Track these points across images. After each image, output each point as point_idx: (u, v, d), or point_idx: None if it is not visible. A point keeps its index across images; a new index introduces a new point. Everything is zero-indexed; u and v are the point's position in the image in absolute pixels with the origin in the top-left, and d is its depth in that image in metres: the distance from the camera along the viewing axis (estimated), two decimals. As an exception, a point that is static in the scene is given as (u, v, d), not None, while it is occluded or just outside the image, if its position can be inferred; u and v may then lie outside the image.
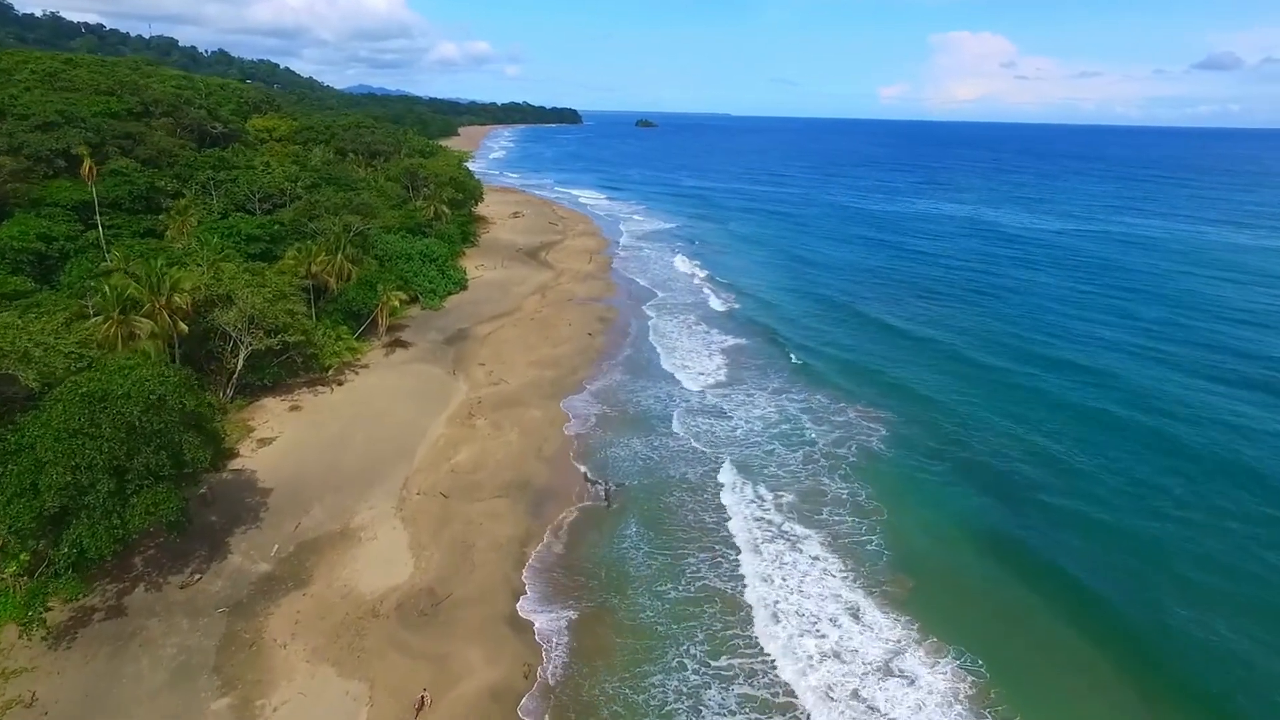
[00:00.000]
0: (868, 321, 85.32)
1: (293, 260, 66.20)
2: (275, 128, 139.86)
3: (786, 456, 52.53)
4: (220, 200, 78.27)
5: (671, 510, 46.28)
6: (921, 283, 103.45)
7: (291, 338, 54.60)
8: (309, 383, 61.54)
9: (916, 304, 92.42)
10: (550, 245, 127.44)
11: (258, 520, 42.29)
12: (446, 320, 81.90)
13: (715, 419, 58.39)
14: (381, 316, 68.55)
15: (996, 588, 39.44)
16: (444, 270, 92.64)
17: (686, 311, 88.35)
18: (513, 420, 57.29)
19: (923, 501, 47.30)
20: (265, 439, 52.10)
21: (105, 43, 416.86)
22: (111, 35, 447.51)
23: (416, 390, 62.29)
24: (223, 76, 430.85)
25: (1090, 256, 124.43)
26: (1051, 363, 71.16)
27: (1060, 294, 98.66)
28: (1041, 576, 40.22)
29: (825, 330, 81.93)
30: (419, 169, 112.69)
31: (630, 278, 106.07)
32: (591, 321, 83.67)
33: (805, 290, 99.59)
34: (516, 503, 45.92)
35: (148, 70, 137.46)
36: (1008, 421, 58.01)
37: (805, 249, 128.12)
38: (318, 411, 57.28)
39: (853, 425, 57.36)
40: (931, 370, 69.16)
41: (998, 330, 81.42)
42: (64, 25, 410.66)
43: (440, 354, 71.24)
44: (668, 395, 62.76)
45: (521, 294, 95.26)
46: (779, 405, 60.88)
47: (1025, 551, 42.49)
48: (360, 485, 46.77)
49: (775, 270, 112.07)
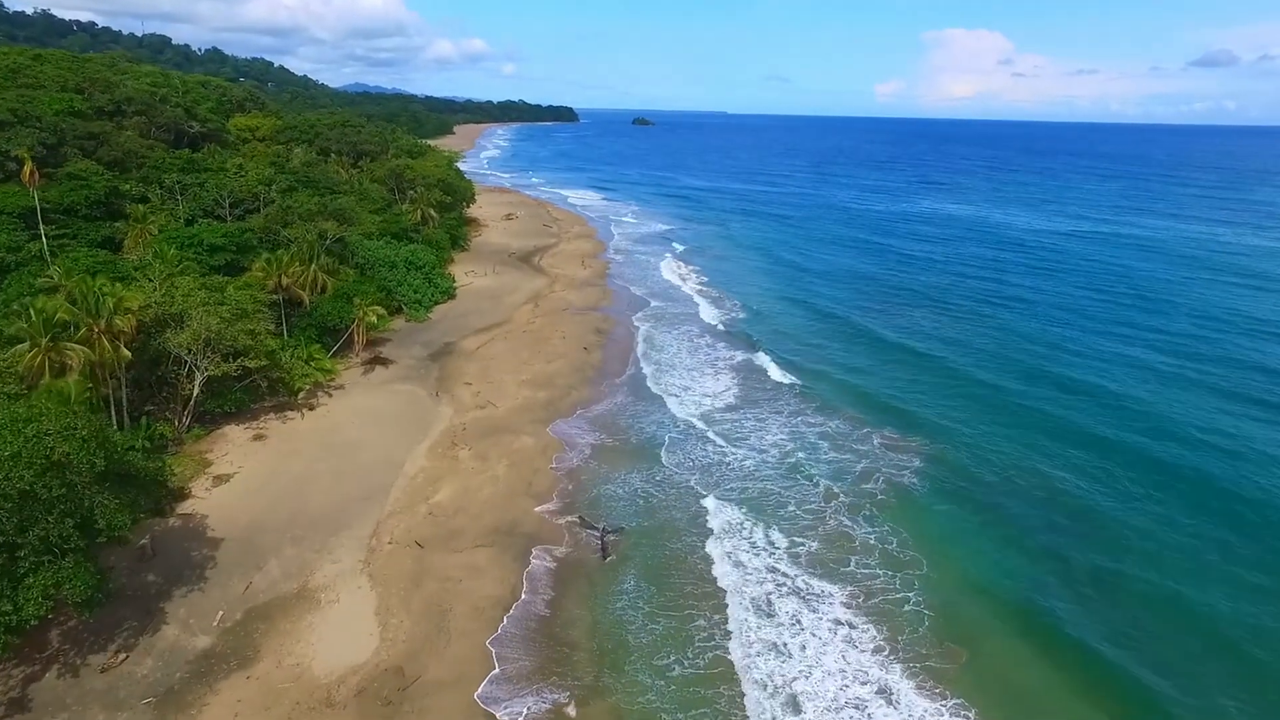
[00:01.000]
0: (880, 337, 79.13)
1: (261, 272, 60.70)
2: (258, 127, 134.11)
3: (805, 493, 47.16)
4: (187, 205, 72.65)
5: (675, 560, 40.91)
6: (931, 293, 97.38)
7: (252, 362, 49.08)
8: (277, 407, 56.06)
9: (929, 317, 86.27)
10: (544, 249, 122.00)
11: (203, 579, 36.82)
12: (432, 333, 76.42)
13: (724, 448, 52.99)
14: (358, 333, 63.06)
15: (1064, 665, 33.68)
16: (431, 278, 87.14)
17: (687, 323, 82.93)
18: (500, 450, 51.85)
19: (967, 551, 41.86)
20: (222, 476, 46.61)
21: (97, 40, 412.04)
22: (104, 33, 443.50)
23: (395, 415, 56.82)
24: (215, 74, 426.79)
25: (1102, 262, 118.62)
26: (1081, 387, 64.63)
27: (1076, 304, 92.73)
28: (1090, 653, 34.71)
29: (836, 347, 76.07)
30: (405, 170, 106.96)
31: (628, 285, 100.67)
32: (587, 333, 78.25)
33: (809, 301, 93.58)
34: (501, 552, 40.49)
35: (123, 67, 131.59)
36: (1044, 456, 52.15)
37: (807, 254, 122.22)
38: (284, 441, 51.80)
39: (878, 456, 51.98)
40: (953, 393, 63.24)
41: (1017, 348, 75.07)
42: (56, 23, 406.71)
43: (423, 372, 65.77)
44: (670, 420, 57.33)
45: (513, 303, 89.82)
46: (794, 431, 55.48)
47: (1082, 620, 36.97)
48: (324, 533, 41.32)
49: (778, 278, 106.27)
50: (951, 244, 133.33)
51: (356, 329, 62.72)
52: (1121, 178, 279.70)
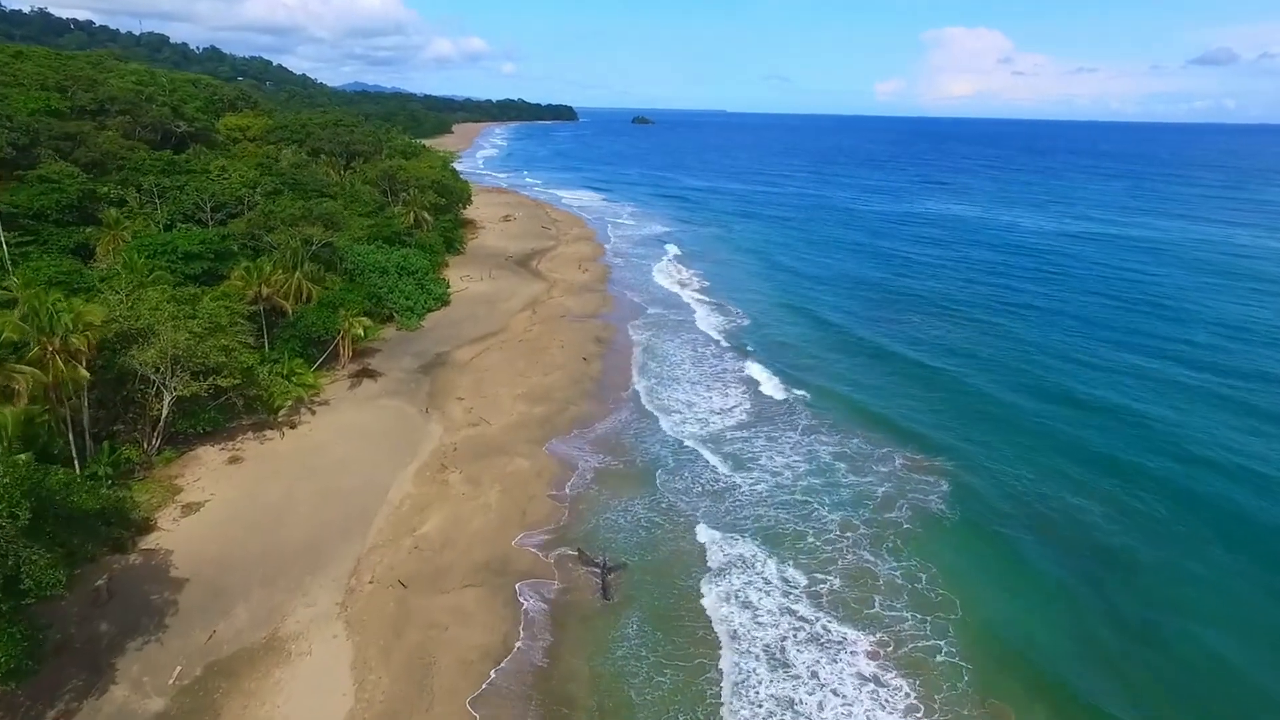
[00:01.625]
0: (890, 349, 74.71)
1: (240, 281, 57.16)
2: (249, 126, 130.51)
3: (822, 522, 43.68)
4: (165, 210, 69.08)
5: (681, 600, 37.44)
6: (938, 300, 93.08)
7: (225, 381, 45.54)
8: (256, 426, 52.53)
9: (938, 327, 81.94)
10: (543, 252, 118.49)
11: (162, 627, 33.32)
12: (424, 342, 72.90)
13: (733, 471, 49.45)
14: (344, 346, 59.51)
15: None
16: (423, 284, 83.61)
17: (689, 332, 79.31)
18: (493, 474, 48.35)
19: (1002, 589, 38.38)
20: (192, 505, 43.10)
21: (95, 39, 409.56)
22: (101, 32, 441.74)
23: (382, 434, 53.30)
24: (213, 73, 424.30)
25: (1113, 266, 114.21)
26: (1104, 405, 60.34)
27: (1089, 313, 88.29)
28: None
29: (844, 359, 71.98)
30: (398, 172, 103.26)
31: (628, 290, 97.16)
32: (587, 343, 74.74)
33: (814, 310, 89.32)
34: (492, 594, 37.01)
35: (110, 65, 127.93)
36: (1072, 483, 48.31)
37: (810, 259, 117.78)
38: (262, 464, 48.30)
39: (901, 479, 48.43)
40: (971, 411, 59.30)
41: (1032, 361, 70.64)
42: (53, 21, 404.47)
43: (414, 386, 62.25)
44: (674, 440, 53.79)
45: (510, 310, 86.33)
46: (807, 452, 51.96)
47: (1134, 672, 33.58)
48: (299, 571, 37.84)
49: (780, 284, 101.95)
50: (957, 247, 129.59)
51: (342, 341, 59.20)
52: (1125, 177, 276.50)
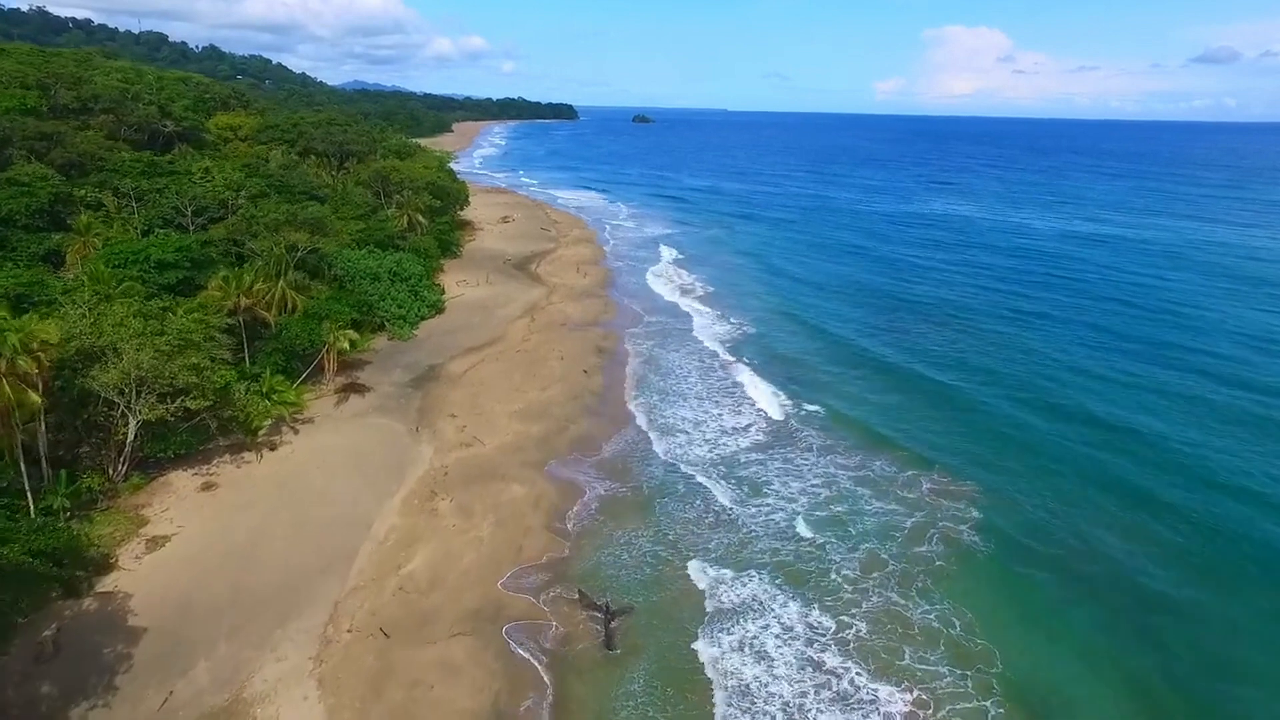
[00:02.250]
0: (901, 363, 70.04)
1: (218, 291, 53.53)
2: (240, 126, 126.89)
3: (846, 556, 40.12)
4: (144, 214, 65.48)
5: (692, 649, 33.89)
6: (949, 309, 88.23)
7: (195, 403, 41.95)
8: (233, 448, 48.95)
9: (951, 339, 77.20)
10: (542, 255, 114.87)
11: (111, 689, 29.77)
12: (417, 353, 69.30)
13: (747, 498, 45.88)
14: (329, 360, 55.90)
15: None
16: (417, 291, 79.98)
17: (693, 343, 75.39)
18: (487, 501, 44.78)
19: (1046, 638, 34.82)
20: (158, 539, 39.54)
21: (93, 38, 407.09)
22: (100, 30, 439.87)
23: (368, 457, 49.71)
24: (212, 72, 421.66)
25: (1129, 271, 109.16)
26: (1133, 428, 55.80)
27: (1108, 323, 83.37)
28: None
29: (856, 375, 67.55)
30: (391, 173, 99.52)
31: (629, 296, 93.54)
32: (587, 353, 71.13)
33: (821, 320, 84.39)
34: (483, 645, 33.43)
35: (97, 63, 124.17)
36: (1106, 514, 44.87)
37: (814, 266, 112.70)
38: (237, 491, 44.73)
39: (930, 507, 44.84)
40: (995, 433, 55.23)
41: (1053, 377, 65.86)
42: (51, 20, 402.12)
43: (404, 402, 58.65)
44: (682, 462, 50.19)
45: (507, 316, 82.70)
46: (826, 476, 48.36)
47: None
48: (270, 618, 34.27)
49: (785, 292, 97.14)
50: (964, 250, 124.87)
51: (327, 356, 55.59)
52: (1130, 176, 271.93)
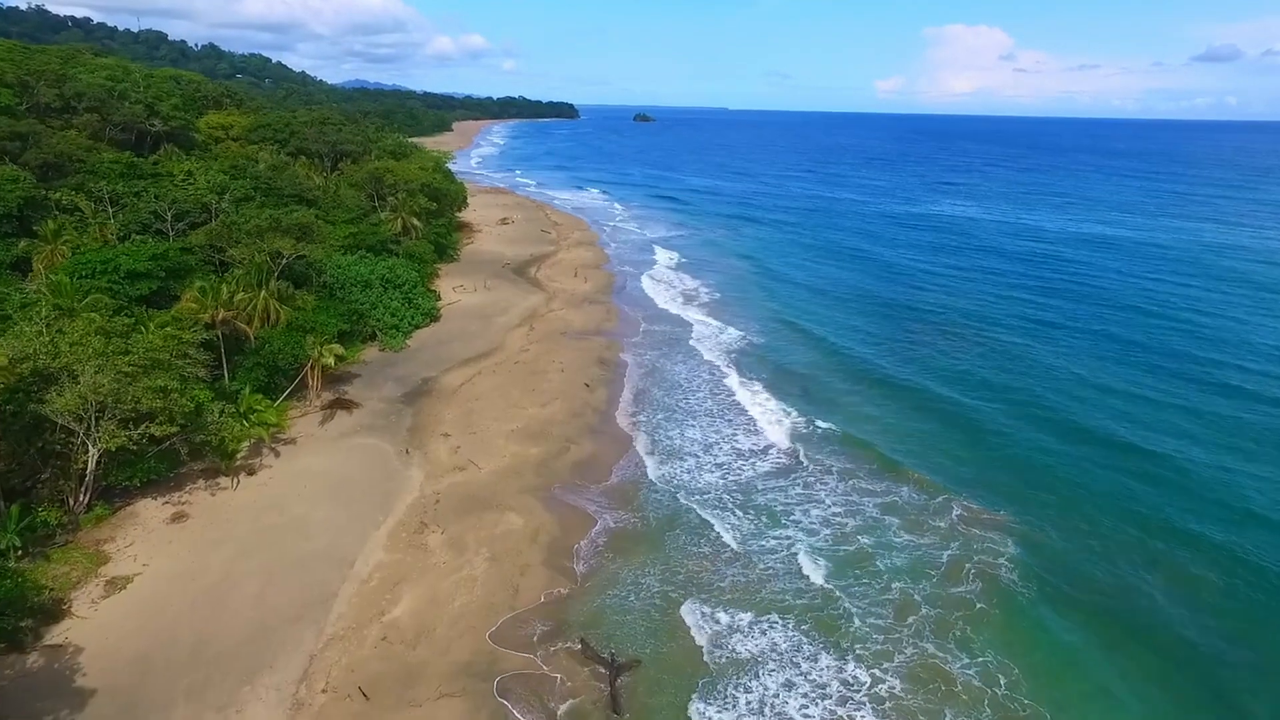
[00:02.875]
0: (919, 379, 64.99)
1: (194, 303, 49.92)
2: (231, 125, 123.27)
3: (875, 600, 36.42)
4: (120, 219, 61.88)
5: (707, 711, 30.27)
6: (965, 320, 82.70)
7: (160, 429, 38.32)
8: (207, 473, 45.34)
9: (969, 353, 72.05)
10: (542, 259, 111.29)
11: (50, 767, 26.20)
12: (409, 365, 65.68)
13: (765, 528, 42.21)
14: (312, 377, 52.26)
15: None
16: (411, 298, 76.34)
17: (700, 355, 71.50)
18: (480, 534, 41.17)
19: (1099, 696, 31.16)
20: (118, 580, 35.95)
21: (92, 36, 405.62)
22: (99, 29, 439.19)
23: (353, 482, 46.08)
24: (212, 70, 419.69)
25: (1144, 277, 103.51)
26: (1164, 455, 51.19)
27: (1127, 334, 77.64)
28: None
29: (873, 392, 63.07)
30: (384, 174, 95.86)
31: (633, 302, 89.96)
32: (589, 365, 67.51)
33: (833, 333, 78.96)
34: (475, 707, 29.79)
35: (83, 60, 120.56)
36: (1147, 551, 40.90)
37: (824, 272, 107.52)
38: (209, 523, 41.13)
39: (963, 538, 41.18)
40: (1023, 458, 50.98)
41: (1081, 397, 60.86)
42: (50, 18, 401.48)
43: (394, 419, 55.01)
44: (693, 488, 46.51)
45: (505, 325, 79.06)
46: (849, 503, 44.66)
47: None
48: (239, 673, 30.65)
49: (794, 300, 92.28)
50: (975, 255, 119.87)
51: (310, 372, 51.96)
52: (1140, 176, 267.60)
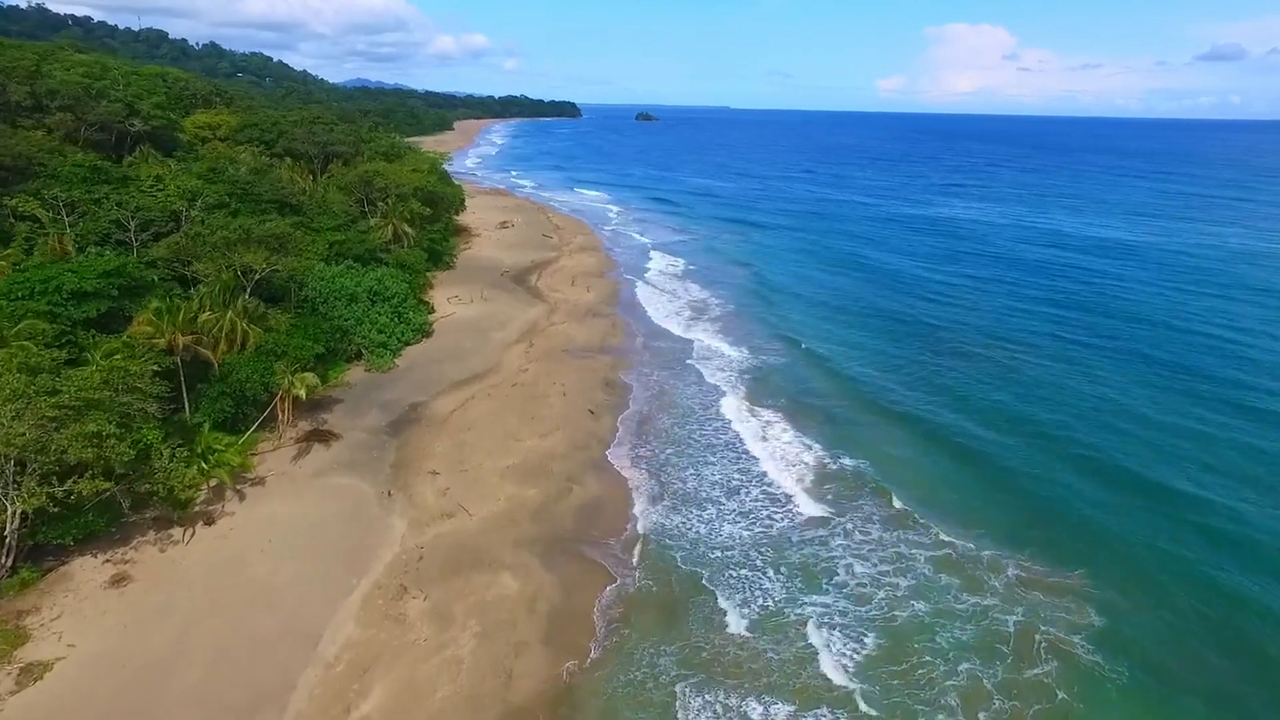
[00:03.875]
0: (947, 409, 57.97)
1: (149, 326, 44.17)
2: (219, 125, 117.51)
3: (939, 686, 30.57)
4: (78, 229, 56.15)
5: None
6: (992, 342, 73.77)
7: (87, 486, 32.55)
8: (159, 521, 39.67)
9: (998, 380, 63.92)
10: (543, 266, 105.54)
11: None
12: (397, 389, 59.92)
13: (804, 590, 36.33)
14: (282, 410, 46.48)
15: None
16: (401, 312, 70.54)
17: (712, 375, 65.75)
18: (470, 600, 35.44)
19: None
20: (36, 666, 30.25)
21: (92, 35, 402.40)
22: (99, 28, 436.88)
23: (326, 534, 40.33)
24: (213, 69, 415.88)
25: (1176, 290, 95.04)
26: (1232, 511, 44.47)
27: (1167, 357, 69.39)
28: None
29: (901, 425, 55.53)
30: (374, 177, 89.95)
31: (638, 315, 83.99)
32: (594, 387, 61.76)
33: (852, 357, 70.68)
34: None
35: (62, 56, 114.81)
36: (1239, 628, 35.38)
37: (837, 286, 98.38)
38: (155, 584, 35.42)
39: (1023, 601, 35.33)
40: (1070, 501, 45.03)
41: (1124, 433, 53.22)
42: (50, 17, 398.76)
43: (377, 453, 49.23)
44: (714, 540, 40.65)
45: (503, 341, 73.28)
46: (900, 555, 38.70)
47: None
48: (166, 803, 24.97)
49: (808, 317, 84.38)
50: (992, 265, 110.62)
51: (280, 405, 46.17)
52: (1155, 177, 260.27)
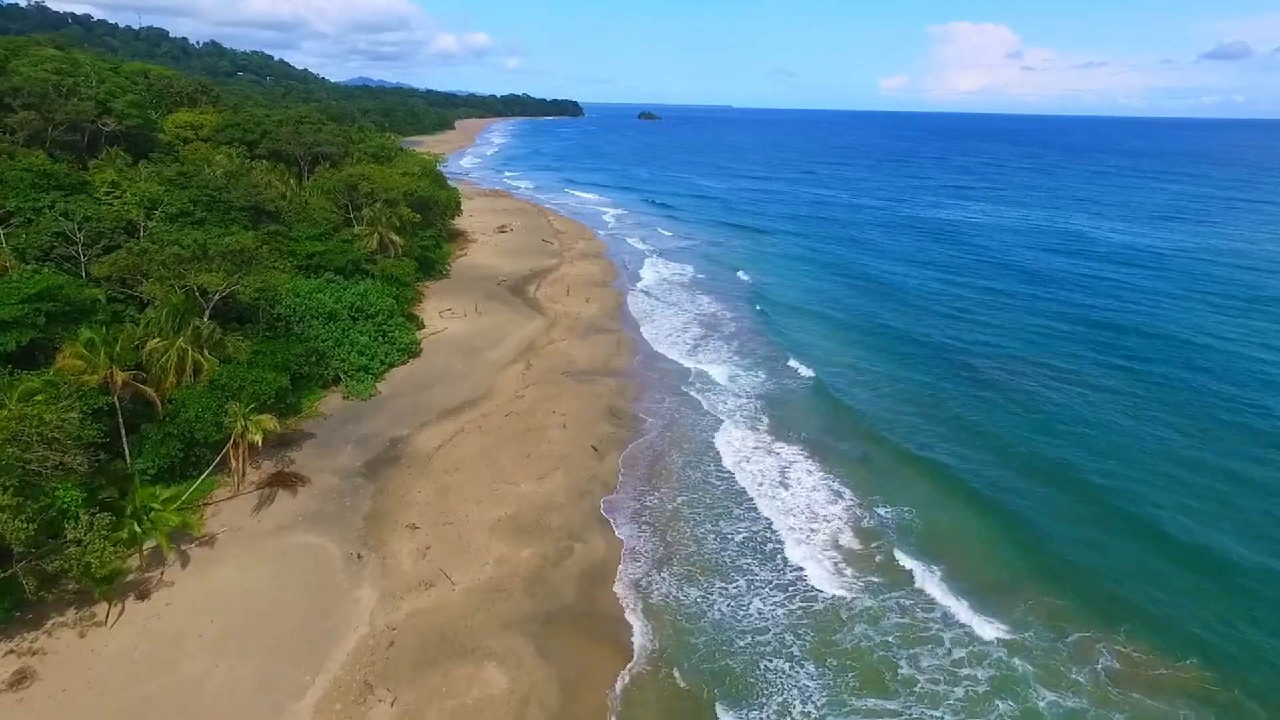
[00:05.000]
0: (1004, 453, 50.52)
1: (78, 360, 37.90)
2: (202, 125, 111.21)
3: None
4: (14, 242, 49.88)
5: None
6: (1033, 370, 65.96)
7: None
8: (80, 597, 33.43)
9: (1051, 418, 56.23)
10: (543, 274, 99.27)
11: None
12: (376, 420, 53.58)
13: (857, 691, 29.81)
14: (235, 457, 40.08)
15: None
16: (385, 331, 64.31)
17: (728, 401, 59.27)
18: (448, 704, 29.12)
19: None
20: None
21: (91, 34, 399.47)
22: (99, 26, 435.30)
23: (280, 613, 33.94)
24: (213, 68, 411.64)
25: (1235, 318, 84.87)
26: None
27: (1243, 396, 61.17)
28: None
29: (949, 467, 49.06)
30: (360, 182, 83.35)
31: (648, 330, 77.57)
32: (596, 419, 55.39)
33: (887, 379, 64.13)
34: None
35: (33, 52, 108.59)
36: None
37: (858, 303, 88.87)
38: (63, 686, 29.13)
39: (1125, 706, 28.99)
40: (1163, 572, 38.94)
41: (1216, 494, 46.06)
42: (50, 15, 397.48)
43: (348, 503, 42.90)
44: (746, 619, 34.05)
45: (498, 361, 66.96)
46: (970, 641, 32.11)
47: None
48: None
49: (832, 336, 76.06)
50: (1019, 279, 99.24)
51: (233, 452, 39.78)
52: (1169, 178, 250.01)
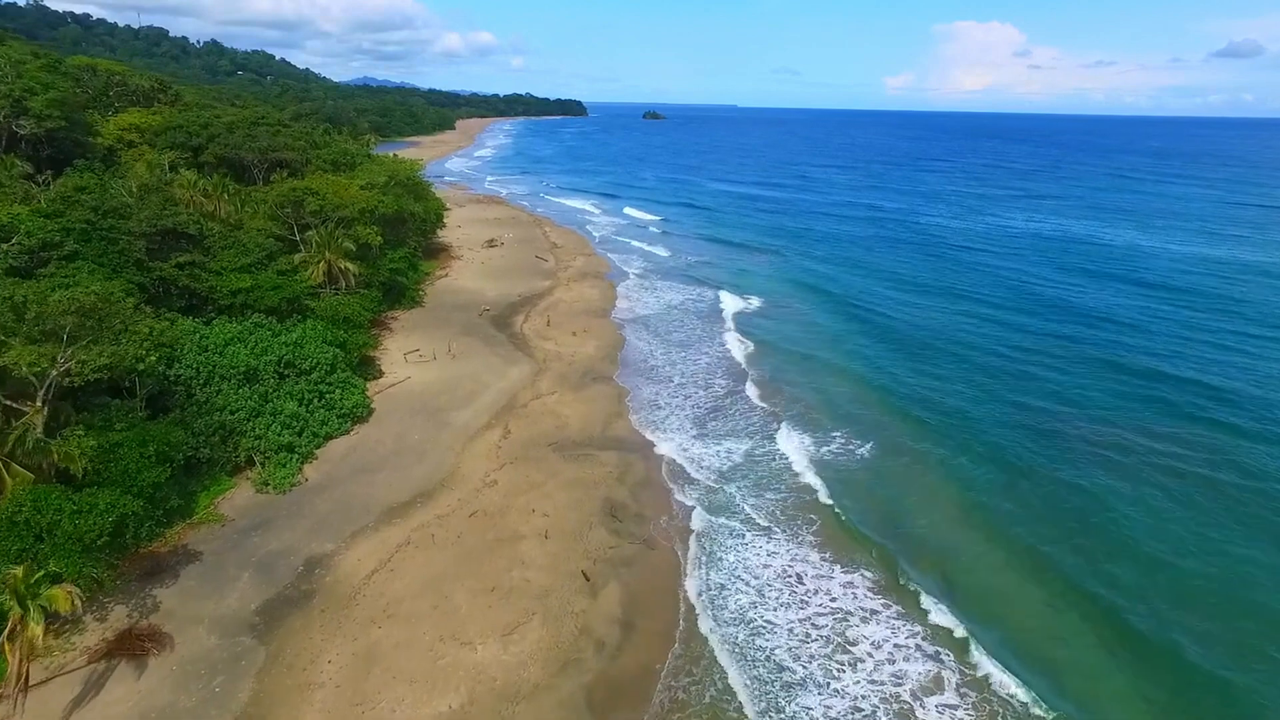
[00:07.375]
0: (1096, 557, 39.64)
1: None
2: (147, 126, 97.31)
3: None
4: None
5: None
6: (1103, 424, 55.86)
7: None
8: None
9: (1159, 506, 44.91)
10: (534, 300, 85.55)
11: None
12: (293, 526, 39.69)
13: None
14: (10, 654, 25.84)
15: None
16: (323, 391, 50.49)
17: (781, 493, 45.48)
18: None
19: None
20: None
21: (91, 33, 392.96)
22: (98, 25, 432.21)
23: None
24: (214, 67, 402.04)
25: None
26: None
27: None
28: None
29: (1060, 578, 37.96)
30: (305, 198, 68.73)
31: (656, 377, 63.46)
32: (590, 522, 41.48)
33: (954, 446, 51.50)
34: None
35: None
36: None
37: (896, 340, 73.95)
38: None
39: None
40: None
41: None
42: (49, 15, 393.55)
43: (221, 684, 29.01)
44: None
45: (467, 427, 53.02)
46: None
47: None
48: None
49: (875, 379, 63.16)
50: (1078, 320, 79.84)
51: (7, 650, 25.66)
52: (1210, 183, 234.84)
